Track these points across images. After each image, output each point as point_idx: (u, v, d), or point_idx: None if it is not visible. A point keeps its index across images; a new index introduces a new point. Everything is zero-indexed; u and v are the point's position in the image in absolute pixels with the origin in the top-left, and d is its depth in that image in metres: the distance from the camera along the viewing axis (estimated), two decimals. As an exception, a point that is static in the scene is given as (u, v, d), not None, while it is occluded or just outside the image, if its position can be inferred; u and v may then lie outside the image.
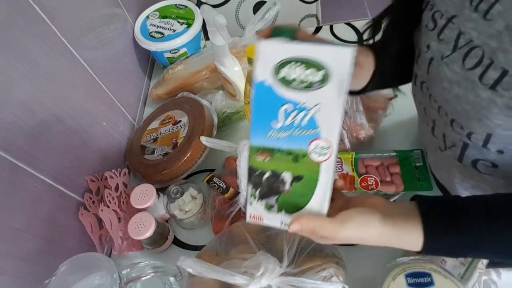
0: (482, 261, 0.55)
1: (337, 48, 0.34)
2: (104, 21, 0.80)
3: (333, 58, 0.35)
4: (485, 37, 0.38)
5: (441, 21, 0.45)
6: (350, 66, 0.34)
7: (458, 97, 0.43)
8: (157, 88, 0.94)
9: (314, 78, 0.35)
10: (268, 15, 0.81)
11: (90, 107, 0.72)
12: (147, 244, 0.68)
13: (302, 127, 0.37)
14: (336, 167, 0.40)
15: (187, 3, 0.98)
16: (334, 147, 0.38)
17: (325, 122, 0.37)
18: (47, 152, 0.59)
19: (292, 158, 0.39)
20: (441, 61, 0.45)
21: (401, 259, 0.53)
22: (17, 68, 0.53)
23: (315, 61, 0.35)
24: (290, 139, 0.38)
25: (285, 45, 0.35)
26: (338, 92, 0.35)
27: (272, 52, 0.36)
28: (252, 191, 0.41)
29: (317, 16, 1.33)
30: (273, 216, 0.42)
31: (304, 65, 0.35)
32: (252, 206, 0.42)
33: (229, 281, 0.47)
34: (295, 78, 0.36)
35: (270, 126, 0.38)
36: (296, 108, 0.37)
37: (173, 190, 0.70)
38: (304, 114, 0.37)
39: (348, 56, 0.34)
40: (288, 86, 0.36)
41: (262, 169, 0.40)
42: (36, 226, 0.56)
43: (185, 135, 0.77)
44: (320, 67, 0.35)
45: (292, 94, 0.36)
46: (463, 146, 0.46)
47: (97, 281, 0.50)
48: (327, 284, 0.49)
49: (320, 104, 0.36)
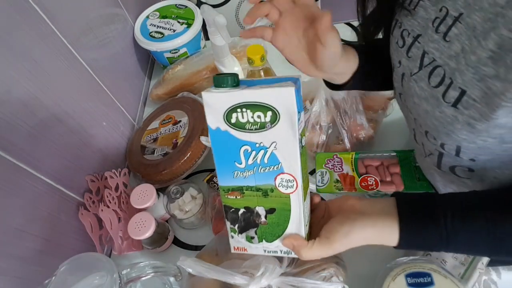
0: (482, 261, 0.55)
1: (278, 89, 0.35)
2: (104, 21, 0.80)
3: (277, 99, 0.35)
4: (445, 57, 0.40)
5: (409, 39, 0.46)
6: (295, 103, 0.35)
7: (427, 112, 0.44)
8: (157, 88, 0.94)
9: (264, 119, 0.36)
10: (268, 15, 0.81)
11: (90, 107, 0.72)
12: (147, 244, 0.68)
13: (264, 165, 0.39)
14: (304, 196, 0.41)
15: (187, 3, 0.98)
16: (298, 179, 0.39)
17: (285, 157, 0.38)
18: (47, 152, 0.59)
19: (261, 193, 0.40)
20: (410, 77, 0.46)
21: (401, 259, 0.53)
22: (17, 68, 0.53)
23: (261, 105, 0.36)
24: (256, 176, 0.39)
25: (228, 93, 0.36)
26: (291, 128, 0.36)
27: (218, 102, 0.37)
28: (231, 226, 0.44)
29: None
30: (256, 246, 0.45)
31: (251, 109, 0.36)
32: (234, 240, 0.45)
33: (229, 281, 0.47)
34: (247, 121, 0.37)
35: (234, 167, 0.40)
36: (255, 149, 0.38)
37: (173, 190, 0.70)
38: (264, 152, 0.38)
39: (291, 95, 0.35)
40: (242, 129, 0.37)
41: (236, 207, 0.42)
42: (36, 226, 0.56)
43: (185, 135, 0.77)
44: (266, 109, 0.36)
45: (248, 136, 0.38)
46: (438, 155, 0.47)
47: (97, 281, 0.50)
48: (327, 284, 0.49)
49: (276, 142, 0.37)
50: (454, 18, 0.38)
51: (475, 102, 0.37)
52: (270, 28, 0.49)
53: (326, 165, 0.69)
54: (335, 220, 0.42)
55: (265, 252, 0.45)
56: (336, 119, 0.71)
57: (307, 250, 0.42)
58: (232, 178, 0.40)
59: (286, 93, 0.35)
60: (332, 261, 0.53)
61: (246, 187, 0.41)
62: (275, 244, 0.44)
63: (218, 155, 0.40)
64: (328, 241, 0.41)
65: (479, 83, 0.36)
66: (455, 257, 0.56)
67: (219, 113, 0.37)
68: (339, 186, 0.66)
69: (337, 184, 0.67)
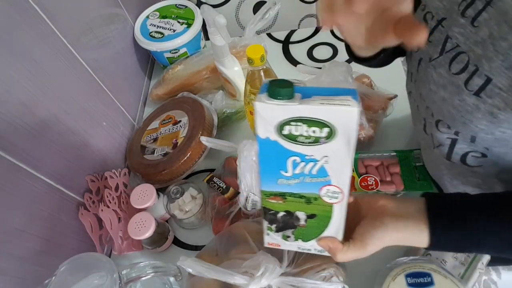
0: (482, 261, 0.55)
1: (341, 109, 0.32)
2: (104, 21, 0.80)
3: (337, 118, 0.33)
4: (471, 43, 0.38)
5: (432, 22, 0.44)
6: (356, 125, 0.33)
7: (443, 100, 0.43)
8: (157, 88, 0.94)
9: (319, 134, 0.34)
10: (268, 15, 0.81)
11: (90, 107, 0.72)
12: (147, 244, 0.68)
13: (312, 175, 0.37)
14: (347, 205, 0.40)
15: (187, 3, 0.98)
16: (345, 191, 0.38)
17: (335, 171, 0.36)
18: (47, 152, 0.59)
19: (304, 200, 0.39)
20: (429, 63, 0.45)
21: (401, 259, 0.53)
22: (17, 68, 0.53)
23: (318, 121, 0.33)
24: (301, 185, 0.38)
25: (284, 107, 0.33)
26: (347, 146, 0.34)
27: (271, 114, 0.34)
28: (268, 225, 0.44)
29: (317, 16, 1.33)
30: (290, 244, 0.45)
31: (307, 123, 0.33)
32: (269, 236, 0.45)
33: (229, 281, 0.47)
34: (301, 134, 0.34)
35: (279, 174, 0.38)
36: (304, 160, 0.36)
37: (173, 190, 0.70)
38: (313, 164, 0.36)
39: (353, 117, 0.32)
40: (293, 141, 0.35)
41: (276, 210, 0.41)
42: (36, 226, 0.56)
43: (185, 135, 0.77)
44: (323, 125, 0.33)
45: (299, 148, 0.35)
46: (451, 143, 0.46)
47: (97, 281, 0.50)
48: (327, 284, 0.49)
49: (328, 156, 0.35)
50: (485, 2, 0.37)
51: (501, 91, 0.36)
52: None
53: (326, 165, 0.69)
54: (368, 223, 0.42)
55: (299, 249, 0.45)
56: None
57: (342, 254, 0.42)
58: (275, 185, 0.39)
59: (348, 114, 0.32)
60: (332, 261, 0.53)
61: (289, 194, 0.39)
62: (310, 243, 0.44)
63: (264, 163, 0.38)
64: (362, 245, 0.42)
65: (507, 71, 0.35)
66: (455, 257, 0.56)
67: (271, 124, 0.34)
68: (339, 186, 0.66)
69: (337, 184, 0.67)
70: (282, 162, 0.37)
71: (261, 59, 0.61)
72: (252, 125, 0.76)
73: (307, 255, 0.54)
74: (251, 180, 0.63)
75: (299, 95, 0.33)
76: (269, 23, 1.32)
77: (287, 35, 1.03)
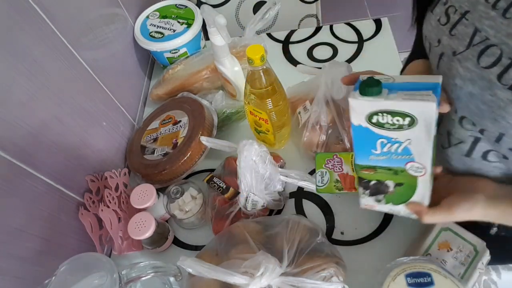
0: (482, 261, 0.55)
1: (420, 104, 0.38)
2: (104, 21, 0.80)
3: (417, 110, 0.39)
4: (503, 35, 0.38)
5: (455, 16, 0.44)
6: (435, 115, 0.39)
7: (471, 95, 0.42)
8: (157, 88, 0.94)
9: (402, 122, 0.40)
10: (268, 15, 0.81)
11: (90, 107, 0.72)
12: (147, 244, 0.68)
13: (397, 153, 0.43)
14: (431, 179, 0.46)
15: (187, 3, 0.98)
16: (428, 168, 0.44)
17: (417, 151, 0.42)
18: (47, 152, 0.59)
19: (392, 172, 0.46)
20: (453, 57, 0.44)
21: (401, 259, 0.53)
22: (17, 68, 0.53)
23: (401, 112, 0.40)
24: (388, 161, 0.44)
25: (372, 102, 0.40)
26: (427, 133, 0.40)
27: (362, 107, 0.41)
28: (362, 190, 0.50)
29: (317, 16, 1.33)
30: (382, 206, 0.51)
31: (392, 114, 0.40)
32: (364, 199, 0.51)
33: (229, 281, 0.47)
34: (387, 122, 0.41)
35: (370, 152, 0.45)
36: (390, 142, 0.42)
37: (173, 190, 0.70)
38: (398, 145, 0.42)
39: (431, 110, 0.38)
40: (381, 127, 0.42)
41: (368, 179, 0.48)
42: (36, 226, 0.56)
43: (185, 135, 0.77)
44: (406, 116, 0.40)
45: (385, 132, 0.42)
46: (474, 140, 0.46)
47: (97, 281, 0.50)
48: (327, 284, 0.49)
49: (411, 139, 0.41)
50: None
51: None
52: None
53: (326, 165, 0.69)
54: (459, 195, 0.46)
55: (390, 210, 0.51)
56: (336, 119, 0.71)
57: (429, 216, 0.47)
58: (367, 160, 0.45)
59: (427, 107, 0.38)
60: (332, 261, 0.53)
61: (379, 167, 0.46)
62: (399, 207, 0.50)
63: (358, 144, 0.44)
64: (449, 212, 0.46)
65: None
66: (455, 257, 0.56)
67: (362, 114, 0.41)
68: (339, 186, 0.66)
69: (337, 184, 0.67)
70: (372, 143, 0.43)
71: (261, 59, 0.61)
72: (252, 125, 0.76)
73: (307, 255, 0.54)
74: (251, 180, 0.63)
75: (386, 90, 0.40)
76: (269, 23, 1.32)
77: (287, 35, 1.03)
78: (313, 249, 0.55)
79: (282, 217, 0.61)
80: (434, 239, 0.58)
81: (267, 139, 0.77)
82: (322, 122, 0.71)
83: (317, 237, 0.57)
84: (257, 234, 0.59)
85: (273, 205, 0.70)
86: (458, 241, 0.57)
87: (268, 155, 0.64)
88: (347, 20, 1.03)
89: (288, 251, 0.53)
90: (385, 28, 0.98)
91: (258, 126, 0.74)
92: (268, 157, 0.64)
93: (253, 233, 0.58)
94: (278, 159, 0.75)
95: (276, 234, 0.57)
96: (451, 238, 0.57)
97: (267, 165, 0.64)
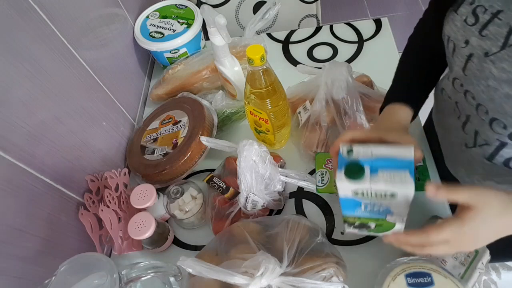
0: (482, 261, 0.55)
1: (401, 186, 0.43)
2: (104, 21, 0.80)
3: (398, 190, 0.43)
4: None
5: (485, 16, 0.42)
6: (411, 197, 0.43)
7: (508, 96, 0.41)
8: (157, 88, 0.94)
9: (384, 196, 0.45)
10: (268, 15, 0.81)
11: (90, 107, 0.72)
12: (147, 244, 0.68)
13: (379, 212, 0.48)
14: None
15: (187, 3, 0.98)
16: (404, 218, 0.49)
17: (396, 209, 0.47)
18: (47, 152, 0.59)
19: (373, 219, 0.51)
20: (485, 58, 0.43)
21: (401, 259, 0.53)
22: (17, 68, 0.53)
23: (385, 192, 0.44)
24: (371, 214, 0.49)
25: (358, 185, 0.45)
26: (406, 202, 0.45)
27: (349, 187, 0.45)
28: (347, 226, 0.55)
29: (317, 16, 1.33)
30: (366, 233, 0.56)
31: (375, 192, 0.45)
32: (349, 229, 0.56)
33: (229, 281, 0.47)
34: (370, 196, 0.46)
35: (355, 210, 0.50)
36: (373, 205, 0.47)
37: (173, 190, 0.70)
38: (379, 206, 0.47)
39: (411, 191, 0.43)
40: (365, 198, 0.46)
41: (353, 222, 0.53)
42: (36, 226, 0.56)
43: (185, 135, 0.77)
44: (387, 193, 0.45)
45: (369, 200, 0.47)
46: (499, 145, 0.45)
47: (97, 281, 0.50)
48: (327, 284, 0.49)
49: (391, 205, 0.46)
50: None
51: None
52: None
53: (326, 165, 0.69)
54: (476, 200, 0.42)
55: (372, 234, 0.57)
56: (336, 119, 0.71)
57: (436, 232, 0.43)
58: (353, 213, 0.51)
59: (406, 189, 0.43)
60: (332, 261, 0.53)
61: (363, 217, 0.51)
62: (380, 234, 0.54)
63: (344, 205, 0.49)
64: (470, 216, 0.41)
65: None
66: (455, 257, 0.56)
67: (348, 191, 0.46)
68: (339, 186, 0.66)
69: (337, 184, 0.67)
70: (357, 205, 0.48)
71: (261, 59, 0.61)
72: (252, 125, 0.76)
73: (307, 255, 0.54)
74: (251, 180, 0.63)
75: (368, 168, 0.44)
76: (269, 23, 1.32)
77: (287, 35, 1.03)
78: (313, 249, 0.55)
79: (282, 217, 0.60)
80: (434, 239, 0.58)
81: (267, 139, 0.77)
82: (322, 122, 0.71)
83: (317, 237, 0.57)
84: (257, 234, 0.59)
85: (273, 205, 0.70)
86: (458, 241, 0.57)
87: (268, 155, 0.64)
88: (347, 20, 1.03)
89: (288, 251, 0.53)
90: (385, 28, 0.98)
91: (258, 126, 0.74)
92: (268, 157, 0.64)
93: (253, 233, 0.58)
94: (278, 159, 0.75)
95: (276, 234, 0.57)
96: (451, 238, 0.57)
97: (267, 165, 0.64)
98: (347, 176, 0.45)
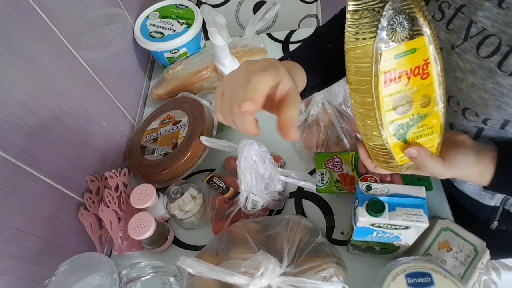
0: (482, 261, 0.55)
1: (417, 223, 0.49)
2: (104, 21, 0.80)
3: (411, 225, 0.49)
4: (501, 25, 0.38)
5: (449, 11, 0.44)
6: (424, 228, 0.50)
7: (473, 85, 0.43)
8: (157, 88, 0.94)
9: (399, 228, 0.51)
10: (268, 15, 0.81)
11: (90, 107, 0.72)
12: (147, 244, 0.68)
13: (388, 238, 0.54)
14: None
15: (187, 3, 0.98)
16: (410, 243, 0.55)
17: (405, 238, 0.53)
18: (47, 152, 0.59)
19: (380, 244, 0.57)
20: (451, 51, 0.45)
21: (401, 259, 0.53)
22: (17, 68, 0.53)
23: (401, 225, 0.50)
24: (380, 238, 0.55)
25: (379, 219, 0.50)
26: (416, 233, 0.52)
27: (368, 220, 0.50)
28: (352, 248, 0.61)
29: (317, 16, 1.33)
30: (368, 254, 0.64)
31: (391, 225, 0.50)
32: (354, 251, 0.62)
33: (229, 281, 0.47)
34: (385, 227, 0.51)
35: (366, 236, 0.55)
36: (385, 233, 0.53)
37: (173, 190, 0.70)
38: (390, 234, 0.52)
39: (424, 226, 0.49)
40: (379, 228, 0.52)
41: (360, 245, 0.59)
42: (36, 226, 0.56)
43: (185, 135, 0.77)
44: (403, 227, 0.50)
45: (383, 230, 0.52)
46: (477, 131, 0.47)
47: (97, 281, 0.50)
48: (327, 284, 0.49)
49: (401, 234, 0.52)
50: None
51: None
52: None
53: (326, 165, 0.69)
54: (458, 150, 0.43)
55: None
56: (334, 120, 0.71)
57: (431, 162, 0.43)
58: (363, 239, 0.56)
59: (420, 225, 0.49)
60: (332, 261, 0.53)
61: (371, 241, 0.56)
62: (382, 256, 0.62)
63: (358, 233, 0.54)
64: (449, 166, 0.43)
65: None
66: (455, 257, 0.56)
67: (367, 223, 0.51)
68: (339, 186, 0.66)
69: (337, 184, 0.67)
70: (370, 232, 0.53)
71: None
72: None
73: (307, 255, 0.54)
74: (251, 180, 0.63)
75: (386, 205, 0.50)
76: (269, 23, 1.32)
77: (287, 35, 1.03)
78: (313, 249, 0.55)
79: (282, 217, 0.61)
80: (434, 239, 0.58)
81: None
82: (321, 123, 0.71)
83: (317, 237, 0.57)
84: (257, 234, 0.59)
85: (273, 205, 0.70)
86: (458, 241, 0.57)
87: (268, 155, 0.64)
88: (347, 20, 1.03)
89: (288, 251, 0.53)
90: (385, 28, 0.98)
91: (258, 126, 0.74)
92: (268, 157, 0.64)
93: (253, 233, 0.58)
94: (278, 159, 0.75)
95: (276, 234, 0.57)
96: (451, 238, 0.57)
97: (267, 165, 0.64)
98: (368, 211, 0.50)
